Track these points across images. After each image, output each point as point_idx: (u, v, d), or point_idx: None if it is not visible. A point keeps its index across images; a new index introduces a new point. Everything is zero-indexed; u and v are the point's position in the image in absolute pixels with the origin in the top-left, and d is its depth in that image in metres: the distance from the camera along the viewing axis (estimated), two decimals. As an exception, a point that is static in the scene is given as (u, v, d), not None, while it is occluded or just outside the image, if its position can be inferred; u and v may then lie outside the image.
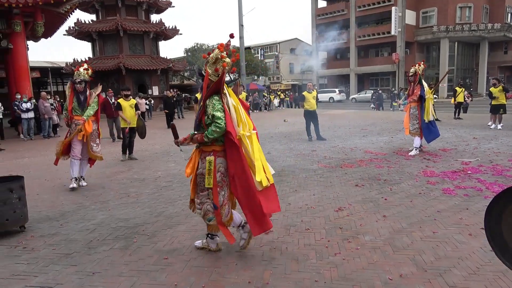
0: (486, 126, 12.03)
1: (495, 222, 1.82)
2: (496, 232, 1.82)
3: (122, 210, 4.73)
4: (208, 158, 3.14)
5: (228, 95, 3.21)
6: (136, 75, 25.91)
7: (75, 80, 5.79)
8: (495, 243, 1.83)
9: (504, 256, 1.79)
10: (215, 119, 3.02)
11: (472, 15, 35.83)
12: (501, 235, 1.80)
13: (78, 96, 5.84)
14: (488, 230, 1.86)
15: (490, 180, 5.36)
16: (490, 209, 1.82)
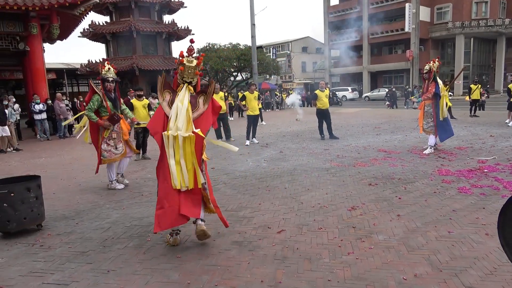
0: (503, 123, 11.76)
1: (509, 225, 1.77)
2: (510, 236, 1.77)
3: (136, 209, 4.78)
4: None
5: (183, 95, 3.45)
6: (149, 75, 26.15)
7: (107, 79, 5.56)
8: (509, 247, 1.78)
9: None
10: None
11: (488, 10, 35.04)
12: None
13: (109, 96, 5.65)
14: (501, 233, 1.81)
15: (508, 179, 5.24)
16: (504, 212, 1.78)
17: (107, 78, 5.58)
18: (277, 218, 4.16)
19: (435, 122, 7.44)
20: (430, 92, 7.39)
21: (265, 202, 4.77)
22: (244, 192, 5.30)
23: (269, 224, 3.98)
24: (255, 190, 5.40)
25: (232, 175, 6.46)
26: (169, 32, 27.11)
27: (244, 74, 40.57)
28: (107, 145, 5.61)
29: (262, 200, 4.86)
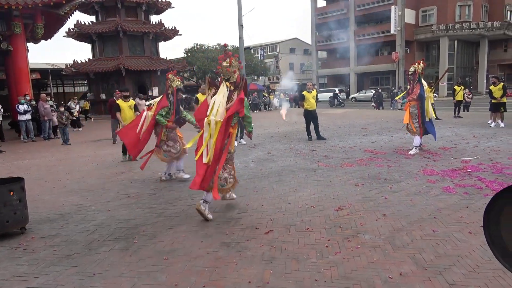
0: (486, 124, 12.02)
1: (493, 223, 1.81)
2: (495, 234, 1.81)
3: (123, 211, 4.73)
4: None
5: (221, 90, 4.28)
6: (136, 76, 25.93)
7: (182, 89, 6.22)
8: (494, 245, 1.82)
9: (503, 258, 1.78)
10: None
11: (471, 13, 35.79)
12: (500, 237, 1.79)
13: (178, 103, 6.15)
14: (487, 231, 1.84)
15: (490, 178, 5.36)
16: (488, 210, 1.81)
17: (182, 89, 6.29)
18: (264, 219, 4.17)
19: (420, 122, 7.57)
20: (415, 94, 7.52)
21: (253, 203, 4.78)
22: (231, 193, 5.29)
23: (257, 225, 3.99)
24: (243, 191, 5.39)
25: (220, 176, 6.44)
26: (156, 32, 26.92)
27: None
28: (167, 146, 6.10)
29: (249, 201, 4.86)
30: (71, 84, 40.50)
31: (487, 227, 1.82)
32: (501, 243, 1.77)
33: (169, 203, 4.95)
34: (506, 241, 1.76)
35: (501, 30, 35.42)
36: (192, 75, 39.60)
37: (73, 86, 40.79)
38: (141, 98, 18.40)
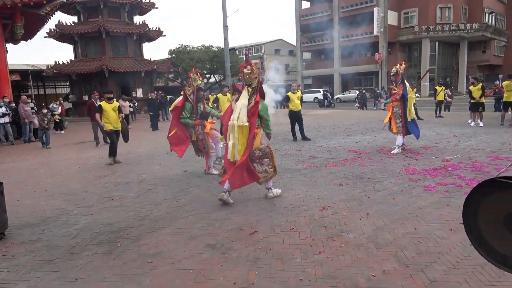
0: (466, 124, 12.31)
1: (472, 216, 1.87)
2: (473, 226, 1.87)
3: (106, 214, 4.67)
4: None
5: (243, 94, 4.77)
6: (119, 77, 25.61)
7: (202, 88, 6.37)
8: (473, 237, 1.88)
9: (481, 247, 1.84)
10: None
11: (451, 15, 36.60)
12: (479, 229, 1.85)
13: (198, 102, 6.35)
14: (466, 224, 1.91)
15: (469, 176, 5.49)
16: (467, 204, 1.87)
17: (202, 87, 6.45)
18: (250, 220, 4.18)
19: (403, 122, 7.70)
20: (398, 94, 7.64)
21: (238, 204, 4.78)
22: (217, 195, 5.27)
23: (242, 226, 3.99)
24: (228, 192, 5.39)
25: (204, 177, 6.43)
26: (140, 33, 26.67)
27: (217, 76, 40.45)
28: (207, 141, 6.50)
29: (235, 202, 4.86)
30: (52, 86, 39.69)
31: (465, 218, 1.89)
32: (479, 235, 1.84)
33: (154, 206, 4.91)
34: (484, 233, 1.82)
35: (480, 32, 36.32)
36: (177, 76, 39.35)
37: (55, 87, 39.97)
38: (124, 100, 18.25)
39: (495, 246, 1.77)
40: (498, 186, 1.73)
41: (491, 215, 1.78)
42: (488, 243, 1.81)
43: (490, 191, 1.77)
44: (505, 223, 1.72)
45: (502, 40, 42.92)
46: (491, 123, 12.08)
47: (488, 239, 1.80)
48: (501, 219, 1.73)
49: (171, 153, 8.32)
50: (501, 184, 1.71)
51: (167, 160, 8.35)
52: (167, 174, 6.84)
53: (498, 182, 1.72)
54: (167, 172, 7.06)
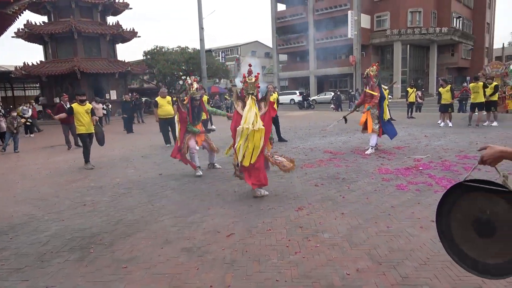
0: (436, 124, 12.73)
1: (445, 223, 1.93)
2: (446, 232, 1.93)
3: (78, 220, 4.55)
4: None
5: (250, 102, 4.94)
6: (92, 79, 25.00)
7: (195, 98, 6.36)
8: (446, 243, 1.93)
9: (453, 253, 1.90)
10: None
11: (422, 19, 37.77)
12: (451, 234, 1.91)
13: (194, 110, 6.45)
14: (438, 227, 1.96)
15: (439, 175, 5.68)
16: (440, 206, 1.93)
17: (196, 97, 6.39)
18: (226, 222, 4.17)
19: (380, 123, 7.88)
20: (377, 98, 7.83)
21: (215, 207, 4.76)
22: (193, 198, 5.25)
23: (219, 228, 3.98)
24: (205, 195, 5.37)
25: (181, 180, 6.37)
26: (113, 34, 26.15)
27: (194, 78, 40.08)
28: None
29: (211, 205, 4.84)
30: (21, 88, 38.25)
31: (439, 222, 1.94)
32: (450, 237, 1.90)
33: (128, 210, 4.82)
34: (455, 235, 1.88)
35: (448, 35, 37.68)
36: (152, 78, 38.78)
37: (24, 89, 38.53)
38: (98, 102, 17.83)
39: (466, 250, 1.83)
40: (465, 190, 1.79)
41: (461, 220, 1.83)
42: (460, 248, 1.86)
43: (459, 196, 1.82)
44: (474, 226, 1.78)
45: (469, 44, 44.71)
46: (459, 123, 12.54)
47: (460, 244, 1.86)
48: (470, 222, 1.79)
49: (146, 156, 8.25)
50: (468, 187, 1.77)
51: (142, 163, 8.22)
52: (142, 178, 6.74)
53: (465, 186, 1.78)
54: (142, 175, 6.95)
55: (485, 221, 1.72)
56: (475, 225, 1.77)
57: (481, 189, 1.70)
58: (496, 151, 1.58)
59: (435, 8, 39.18)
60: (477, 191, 1.73)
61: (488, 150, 1.63)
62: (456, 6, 40.77)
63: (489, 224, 1.70)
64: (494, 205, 1.67)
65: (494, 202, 1.67)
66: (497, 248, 1.70)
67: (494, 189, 1.65)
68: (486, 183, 1.69)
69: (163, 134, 10.84)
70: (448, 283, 2.71)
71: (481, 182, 1.72)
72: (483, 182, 1.71)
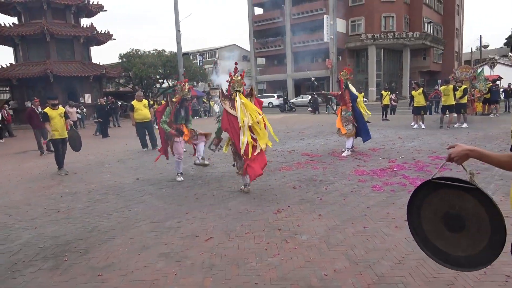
0: (409, 126, 13.09)
1: (416, 219, 1.99)
2: (418, 228, 1.99)
3: (51, 227, 4.42)
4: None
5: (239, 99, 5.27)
6: (66, 82, 24.36)
7: (187, 98, 6.42)
8: (419, 238, 2.00)
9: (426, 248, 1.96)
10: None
11: (395, 24, 38.85)
12: (423, 230, 1.97)
13: (185, 109, 6.54)
14: (410, 223, 2.02)
15: (413, 176, 5.85)
16: (410, 204, 2.00)
17: (187, 98, 6.47)
18: (205, 226, 4.15)
19: (357, 125, 8.02)
20: (348, 99, 7.99)
21: (193, 211, 4.73)
22: (171, 202, 5.19)
23: (197, 233, 3.96)
24: (182, 199, 5.32)
25: (158, 185, 6.29)
26: (87, 36, 25.60)
27: (171, 81, 39.76)
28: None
29: (189, 209, 4.81)
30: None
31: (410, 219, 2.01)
32: (423, 234, 1.97)
33: (104, 216, 4.72)
34: (427, 231, 1.95)
35: (420, 40, 38.89)
36: (128, 81, 38.15)
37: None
38: (71, 106, 17.39)
39: (438, 245, 1.90)
40: (434, 187, 1.86)
41: (431, 216, 1.90)
42: (432, 244, 1.93)
43: (428, 193, 1.89)
44: (444, 222, 1.85)
45: (440, 48, 46.30)
46: (431, 125, 12.94)
47: (432, 239, 1.92)
48: (440, 218, 1.86)
49: (122, 160, 8.12)
50: (436, 185, 1.84)
51: (118, 168, 8.07)
52: (118, 183, 6.61)
53: (434, 183, 1.85)
54: (118, 180, 6.82)
55: (454, 217, 1.79)
56: (446, 220, 1.84)
57: (450, 186, 1.77)
58: (463, 150, 1.65)
59: (407, 13, 40.38)
60: (445, 188, 1.80)
61: (456, 148, 1.70)
62: (427, 11, 42.16)
63: (458, 219, 1.77)
64: (462, 200, 1.75)
65: (462, 198, 1.74)
66: (467, 242, 1.77)
67: (461, 185, 1.72)
68: (454, 181, 1.76)
69: (140, 138, 10.68)
70: (422, 280, 2.79)
71: (449, 179, 1.79)
72: (451, 180, 1.77)
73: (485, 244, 1.69)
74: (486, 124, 12.89)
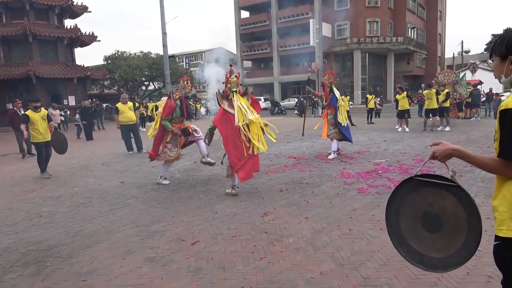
0: (394, 129, 13.29)
1: (394, 217, 2.01)
2: (395, 227, 2.01)
3: (33, 232, 4.31)
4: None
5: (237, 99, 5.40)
6: (49, 84, 23.91)
7: (189, 96, 6.42)
8: (393, 233, 2.01)
9: (401, 247, 1.98)
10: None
11: (379, 29, 39.48)
12: (400, 229, 1.99)
13: (187, 107, 6.40)
14: (387, 221, 2.04)
15: (397, 178, 5.93)
16: (390, 201, 2.01)
17: (189, 96, 6.50)
18: (191, 230, 4.12)
19: (337, 128, 8.11)
20: (327, 102, 8.25)
21: (179, 214, 4.69)
22: (156, 206, 5.14)
23: (183, 236, 3.92)
24: (168, 202, 5.27)
25: (144, 188, 6.22)
26: (71, 37, 25.20)
27: (157, 83, 39.48)
28: (165, 147, 6.27)
29: (175, 213, 4.76)
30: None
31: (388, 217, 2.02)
32: (399, 233, 1.98)
33: (88, 220, 4.63)
34: (404, 231, 1.96)
35: (404, 45, 39.60)
36: (113, 84, 37.72)
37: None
38: (54, 108, 17.08)
39: (413, 245, 1.91)
40: (415, 186, 1.88)
41: (410, 214, 1.92)
42: (407, 243, 1.94)
43: (409, 191, 1.91)
44: (422, 221, 1.87)
45: (423, 53, 47.24)
46: (415, 128, 13.16)
47: (408, 239, 1.94)
48: (419, 218, 1.88)
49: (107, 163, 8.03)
50: (418, 182, 1.86)
51: (102, 171, 7.95)
52: (103, 186, 6.51)
53: (416, 181, 1.87)
54: (102, 184, 6.72)
55: (433, 216, 1.80)
56: (424, 220, 1.85)
57: (431, 184, 1.79)
58: (448, 148, 1.68)
59: (391, 19, 41.08)
60: (427, 186, 1.81)
61: (440, 146, 1.72)
62: (410, 17, 42.98)
63: (436, 218, 1.79)
64: (443, 199, 1.77)
65: (443, 196, 1.76)
66: (443, 242, 1.79)
67: (443, 183, 1.74)
68: (436, 178, 1.78)
69: (125, 141, 10.55)
70: (407, 282, 2.82)
71: (431, 176, 1.81)
72: (433, 177, 1.80)
73: (461, 244, 1.72)
74: (468, 127, 13.17)
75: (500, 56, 1.64)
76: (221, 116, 5.37)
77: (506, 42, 1.60)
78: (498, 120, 1.56)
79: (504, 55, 1.62)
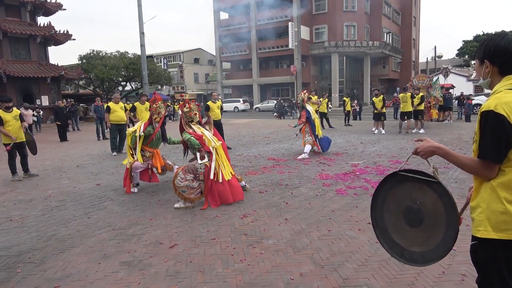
0: (370, 131, 13.54)
1: (379, 208, 2.04)
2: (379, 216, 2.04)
3: (3, 237, 4.14)
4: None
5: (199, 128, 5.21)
6: (20, 83, 23.12)
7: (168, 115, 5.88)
8: (377, 226, 2.04)
9: (384, 239, 2.01)
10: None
11: (356, 33, 40.24)
12: (383, 219, 2.02)
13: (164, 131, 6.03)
14: (372, 214, 2.07)
15: (374, 180, 6.04)
16: (376, 196, 2.03)
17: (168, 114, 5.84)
18: (169, 233, 4.05)
19: (312, 137, 8.61)
20: (303, 117, 8.65)
21: (157, 217, 4.60)
22: (134, 208, 5.03)
23: (161, 240, 3.85)
24: (146, 205, 5.17)
25: (120, 190, 6.07)
26: (44, 35, 24.42)
27: (134, 84, 38.82)
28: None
29: (153, 215, 4.68)
30: None
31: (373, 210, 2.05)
32: (383, 226, 2.01)
33: (61, 224, 4.48)
34: (387, 224, 2.00)
35: (379, 49, 40.50)
36: (89, 83, 36.84)
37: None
38: (26, 108, 16.52)
39: (395, 238, 1.95)
40: (399, 180, 1.91)
41: (394, 208, 1.96)
42: (390, 236, 1.98)
43: (393, 185, 1.95)
44: (405, 216, 1.91)
45: (398, 57, 48.47)
46: (391, 130, 13.46)
47: (391, 233, 1.98)
48: (402, 211, 1.92)
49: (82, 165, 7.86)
50: (402, 177, 1.89)
51: (77, 173, 7.73)
52: (78, 189, 6.33)
53: (400, 176, 1.90)
54: (77, 186, 6.53)
55: (415, 211, 1.85)
56: (406, 215, 1.90)
57: (414, 180, 1.83)
58: (431, 146, 1.71)
59: (367, 23, 41.95)
60: (410, 181, 1.86)
61: (424, 143, 1.76)
62: (386, 22, 44.03)
63: (418, 213, 1.84)
64: (424, 194, 1.81)
65: (424, 191, 1.81)
66: (423, 237, 1.84)
67: (425, 179, 1.78)
68: (418, 173, 1.82)
69: (112, 140, 10.34)
70: (385, 281, 2.86)
71: (414, 172, 1.85)
72: (416, 173, 1.84)
73: (439, 239, 1.77)
74: (441, 129, 13.58)
75: (479, 59, 1.71)
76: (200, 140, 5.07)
77: (484, 47, 1.67)
78: (478, 122, 1.59)
79: (482, 58, 1.68)
